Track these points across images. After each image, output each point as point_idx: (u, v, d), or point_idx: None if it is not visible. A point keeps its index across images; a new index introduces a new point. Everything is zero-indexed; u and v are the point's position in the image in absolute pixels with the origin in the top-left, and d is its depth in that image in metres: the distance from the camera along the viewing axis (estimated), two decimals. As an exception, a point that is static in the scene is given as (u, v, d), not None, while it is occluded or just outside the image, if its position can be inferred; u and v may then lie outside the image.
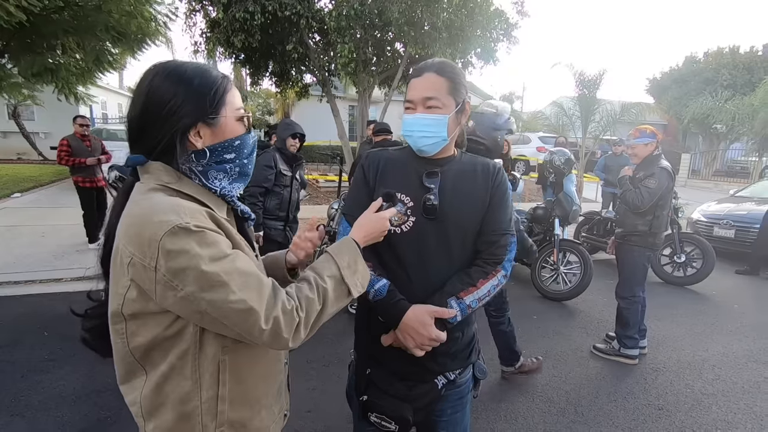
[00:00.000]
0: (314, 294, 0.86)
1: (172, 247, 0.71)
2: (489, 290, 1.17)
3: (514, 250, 1.22)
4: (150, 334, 0.79)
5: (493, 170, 1.23)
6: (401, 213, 1.17)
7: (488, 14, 7.11)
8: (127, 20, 7.74)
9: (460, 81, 1.18)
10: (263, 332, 0.77)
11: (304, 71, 8.90)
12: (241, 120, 0.89)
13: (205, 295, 0.73)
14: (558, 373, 3.05)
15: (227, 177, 0.89)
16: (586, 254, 4.39)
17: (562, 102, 10.58)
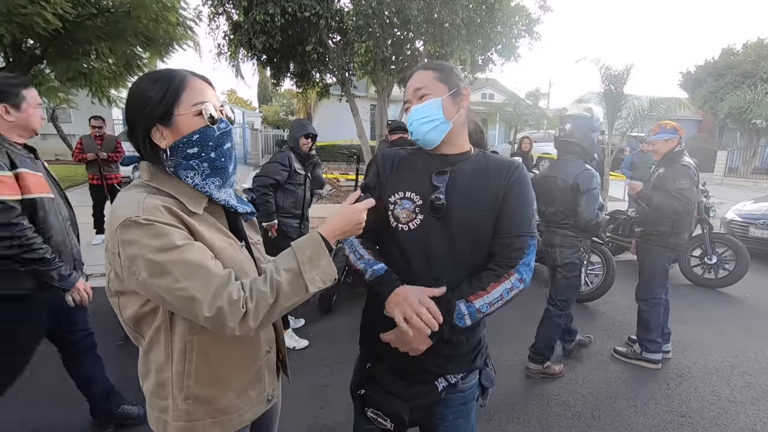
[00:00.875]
0: (267, 287, 0.88)
1: (125, 237, 0.82)
2: (501, 294, 1.12)
3: (532, 253, 1.16)
4: (133, 309, 0.92)
5: (509, 168, 1.18)
6: (409, 210, 1.18)
7: (509, 10, 6.98)
8: (155, 25, 8.00)
9: (449, 70, 1.21)
10: (207, 319, 0.83)
11: (323, 71, 8.98)
12: (200, 114, 0.91)
13: (155, 281, 0.82)
14: (575, 376, 2.98)
15: (198, 173, 0.93)
16: (609, 255, 4.26)
17: (588, 98, 10.27)
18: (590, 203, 2.65)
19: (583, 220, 2.68)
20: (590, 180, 2.65)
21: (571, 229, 2.80)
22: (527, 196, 1.18)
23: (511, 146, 14.91)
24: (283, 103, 31.27)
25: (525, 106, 16.08)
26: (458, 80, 1.20)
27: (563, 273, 2.88)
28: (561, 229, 2.84)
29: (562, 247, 2.85)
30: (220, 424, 1.00)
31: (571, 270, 2.86)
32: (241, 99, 40.63)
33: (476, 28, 6.68)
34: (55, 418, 2.36)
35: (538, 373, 2.93)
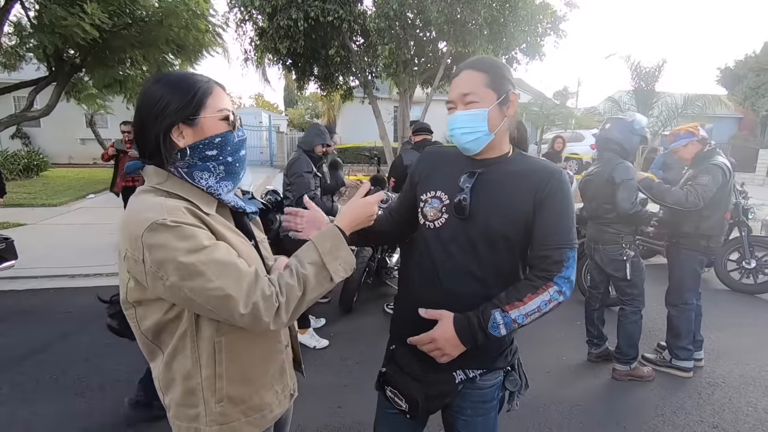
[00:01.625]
0: (294, 280, 0.91)
1: (152, 242, 0.80)
2: (539, 306, 1.10)
3: (572, 266, 1.11)
4: (155, 318, 0.90)
5: (547, 176, 1.12)
6: (436, 209, 1.20)
7: (533, 8, 6.85)
8: (185, 33, 8.28)
9: (500, 73, 1.15)
10: (243, 316, 0.84)
11: (347, 74, 9.07)
12: (225, 120, 0.95)
13: (187, 284, 0.81)
14: (600, 381, 2.89)
15: (213, 175, 0.95)
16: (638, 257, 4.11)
17: (618, 97, 9.97)
18: (626, 193, 2.66)
19: (621, 212, 2.69)
20: (625, 171, 2.68)
21: (612, 224, 2.81)
22: (566, 206, 1.13)
23: (538, 146, 14.61)
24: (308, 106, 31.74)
25: (552, 106, 15.71)
26: (509, 84, 1.15)
27: (613, 273, 2.89)
28: (603, 225, 2.87)
29: (606, 244, 2.87)
30: (254, 422, 1.01)
31: (617, 268, 2.85)
32: (267, 102, 41.49)
33: (499, 27, 6.59)
34: (87, 408, 2.47)
35: (626, 375, 2.89)
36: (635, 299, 2.87)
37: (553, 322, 3.79)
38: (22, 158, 11.76)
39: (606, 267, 2.91)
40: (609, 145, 2.81)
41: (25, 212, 7.47)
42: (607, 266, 2.90)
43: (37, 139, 15.09)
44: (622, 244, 2.81)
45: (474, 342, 1.11)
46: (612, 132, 2.79)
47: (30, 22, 7.53)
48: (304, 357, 3.11)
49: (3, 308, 3.82)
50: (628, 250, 2.81)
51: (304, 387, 1.35)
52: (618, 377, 2.89)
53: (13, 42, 8.24)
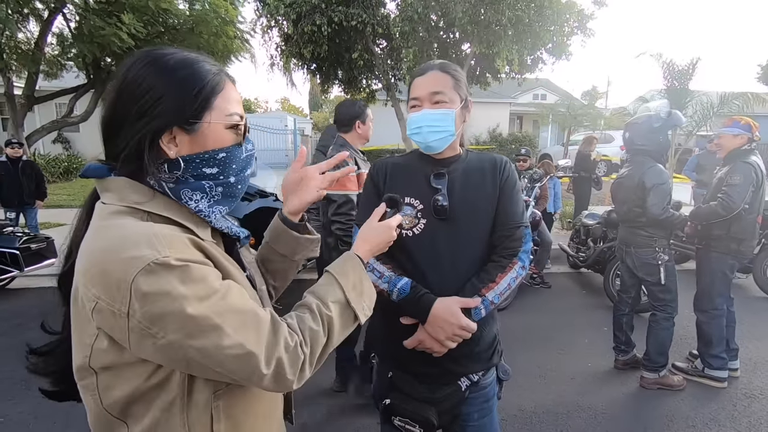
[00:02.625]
0: (318, 325, 0.74)
1: (149, 289, 0.58)
2: (509, 283, 1.17)
3: (529, 241, 1.22)
4: (128, 387, 0.65)
5: (501, 165, 1.24)
6: (411, 216, 1.19)
7: (559, 8, 6.73)
8: (215, 39, 8.56)
9: (462, 78, 1.23)
10: (263, 377, 0.65)
11: (370, 77, 9.14)
12: (233, 128, 0.73)
13: (194, 342, 0.61)
14: (627, 389, 2.81)
15: (206, 197, 0.73)
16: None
17: (650, 97, 9.65)
18: (657, 198, 2.61)
19: (651, 216, 2.65)
20: (657, 175, 2.63)
21: (645, 228, 2.74)
22: (517, 188, 1.24)
23: (564, 147, 14.29)
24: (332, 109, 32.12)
25: (579, 106, 15.36)
26: (466, 90, 1.23)
27: (644, 277, 2.81)
28: (635, 228, 2.80)
29: (637, 247, 2.79)
30: None
31: (649, 272, 2.76)
32: (293, 106, 42.24)
33: (524, 28, 6.50)
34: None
35: (654, 383, 2.80)
36: (668, 305, 2.77)
37: (579, 327, 3.70)
38: (62, 162, 12.39)
39: (638, 271, 2.83)
40: (637, 149, 2.77)
41: (64, 213, 7.86)
42: (640, 270, 2.82)
43: (76, 144, 15.86)
44: (656, 248, 2.73)
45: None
46: (633, 140, 2.77)
47: (71, 33, 7.95)
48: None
49: (46, 304, 4.04)
50: (662, 254, 2.72)
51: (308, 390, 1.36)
52: (646, 385, 2.80)
53: (56, 51, 8.72)
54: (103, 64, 8.82)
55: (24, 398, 2.58)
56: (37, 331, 0.84)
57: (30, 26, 8.35)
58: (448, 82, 1.18)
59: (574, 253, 5.02)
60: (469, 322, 1.12)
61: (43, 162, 11.88)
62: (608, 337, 3.55)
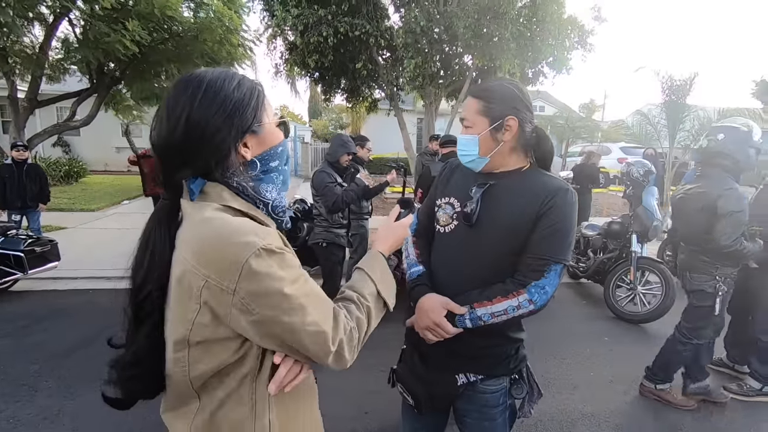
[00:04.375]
0: (362, 313, 0.87)
1: (258, 270, 0.70)
2: (506, 309, 1.16)
3: (552, 278, 1.16)
4: (216, 361, 0.76)
5: (551, 192, 1.17)
6: (449, 215, 1.30)
7: (560, 23, 6.86)
8: (219, 47, 8.65)
9: (496, 98, 1.22)
10: (329, 354, 0.77)
11: (373, 87, 9.25)
12: (281, 125, 0.89)
13: (285, 318, 0.72)
14: (631, 399, 2.83)
15: (275, 187, 0.86)
16: (668, 274, 4.02)
17: (647, 110, 9.79)
18: (730, 227, 2.31)
19: (717, 246, 2.36)
20: (735, 202, 2.31)
21: (707, 253, 2.48)
22: (563, 222, 1.17)
23: (563, 159, 14.43)
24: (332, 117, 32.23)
25: (577, 119, 15.54)
26: (509, 110, 1.20)
27: (692, 300, 2.63)
28: (695, 252, 2.55)
29: (693, 272, 2.58)
30: None
31: (701, 299, 2.56)
32: (292, 114, 42.33)
33: (526, 42, 6.62)
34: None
35: (650, 393, 2.78)
36: (695, 331, 2.60)
37: (580, 336, 3.73)
38: (63, 165, 12.40)
39: (690, 296, 2.63)
40: (716, 159, 2.41)
41: (65, 216, 7.86)
42: (692, 295, 2.61)
43: (76, 147, 15.85)
44: (716, 276, 2.49)
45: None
46: (726, 144, 2.37)
47: (76, 38, 8.01)
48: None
49: (48, 307, 4.04)
50: (722, 284, 2.48)
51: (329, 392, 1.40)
52: (644, 393, 2.82)
53: (60, 56, 8.77)
54: (106, 70, 8.88)
55: (32, 400, 2.58)
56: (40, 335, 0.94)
57: (35, 30, 8.42)
58: (473, 108, 1.24)
59: (574, 264, 5.07)
60: (444, 323, 1.20)
61: (44, 165, 11.87)
62: (610, 347, 3.60)
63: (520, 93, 1.23)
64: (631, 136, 11.16)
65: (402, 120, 8.89)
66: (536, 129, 1.26)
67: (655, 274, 4.15)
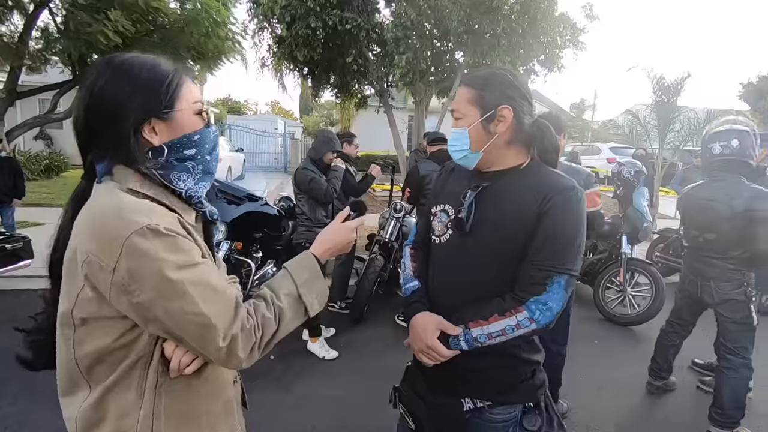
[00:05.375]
0: (271, 313, 0.83)
1: (137, 247, 0.69)
2: (504, 329, 1.03)
3: (556, 292, 1.01)
4: (100, 343, 0.75)
5: (552, 190, 1.04)
6: (443, 224, 1.17)
7: (552, 20, 6.80)
8: (205, 40, 8.45)
9: (490, 85, 1.09)
10: (220, 350, 0.74)
11: (362, 82, 9.12)
12: (199, 114, 0.85)
13: (164, 303, 0.70)
14: (621, 404, 2.78)
15: (191, 176, 0.84)
16: (658, 276, 4.00)
17: (637, 110, 9.81)
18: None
19: (759, 253, 2.26)
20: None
21: (736, 260, 2.38)
22: (568, 226, 1.04)
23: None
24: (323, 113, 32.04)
25: (568, 118, 15.60)
26: (500, 98, 1.07)
27: (725, 314, 2.45)
28: (719, 260, 2.43)
29: (719, 281, 2.44)
30: None
31: (733, 310, 2.41)
32: (283, 110, 42.02)
33: (518, 39, 6.55)
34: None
35: None
36: (745, 347, 2.42)
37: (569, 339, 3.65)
38: (43, 159, 12.08)
39: (719, 307, 2.47)
40: (732, 165, 2.35)
41: (44, 211, 7.61)
42: (721, 306, 2.46)
43: (59, 141, 15.47)
44: (743, 282, 2.38)
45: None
46: (744, 149, 2.30)
47: (57, 28, 7.76)
48: (313, 367, 3.09)
49: (18, 308, 3.86)
50: (751, 290, 2.39)
51: (309, 399, 1.33)
52: None
53: (39, 46, 8.49)
54: (89, 61, 8.62)
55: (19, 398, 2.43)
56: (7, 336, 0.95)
57: (14, 19, 8.15)
58: (464, 97, 1.12)
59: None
60: (437, 345, 1.07)
61: (23, 159, 11.54)
62: (600, 350, 3.55)
63: (515, 81, 1.11)
64: (621, 136, 11.18)
65: (392, 117, 8.78)
66: (537, 121, 1.13)
67: (645, 276, 4.12)
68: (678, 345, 2.86)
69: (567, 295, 1.03)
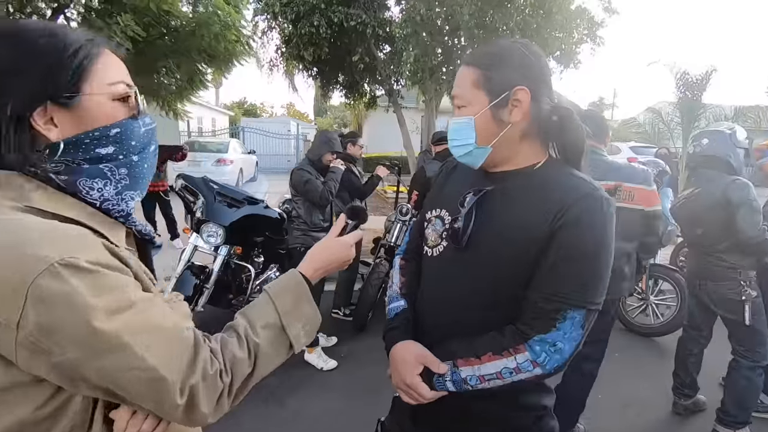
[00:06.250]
0: (244, 352, 0.66)
1: (50, 293, 0.50)
2: (500, 372, 0.83)
3: (569, 332, 0.80)
4: (14, 417, 0.55)
5: (571, 198, 0.82)
6: (437, 233, 0.98)
7: (569, 14, 6.53)
8: (216, 43, 8.47)
9: (498, 65, 0.87)
10: (177, 408, 0.58)
11: (371, 82, 8.98)
12: (122, 99, 0.64)
13: (95, 362, 0.53)
14: (643, 422, 2.54)
15: (110, 183, 0.63)
16: (683, 282, 3.70)
17: (660, 108, 9.44)
18: (750, 216, 2.20)
19: (745, 240, 2.23)
20: (744, 190, 2.23)
21: (726, 255, 2.33)
22: (590, 244, 0.82)
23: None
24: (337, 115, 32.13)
25: (586, 117, 15.19)
26: (513, 77, 0.86)
27: (723, 314, 2.41)
28: (713, 257, 2.38)
29: (715, 280, 2.39)
30: None
31: (731, 310, 2.35)
32: (298, 112, 42.37)
33: (532, 34, 6.30)
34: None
35: None
36: (756, 351, 2.34)
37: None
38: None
39: (717, 307, 2.44)
40: (711, 162, 2.39)
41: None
42: (719, 307, 2.42)
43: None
44: (740, 281, 2.31)
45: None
46: (714, 147, 2.36)
47: (71, 33, 7.88)
48: (311, 378, 2.93)
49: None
50: (749, 289, 2.31)
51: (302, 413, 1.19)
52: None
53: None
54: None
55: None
56: None
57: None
58: (468, 79, 0.89)
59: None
60: (417, 384, 0.88)
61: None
62: (622, 364, 3.29)
63: (532, 56, 0.88)
64: (642, 134, 10.78)
65: (401, 117, 8.61)
66: (558, 108, 0.90)
67: (669, 283, 3.85)
68: (697, 355, 2.66)
69: (583, 333, 0.82)
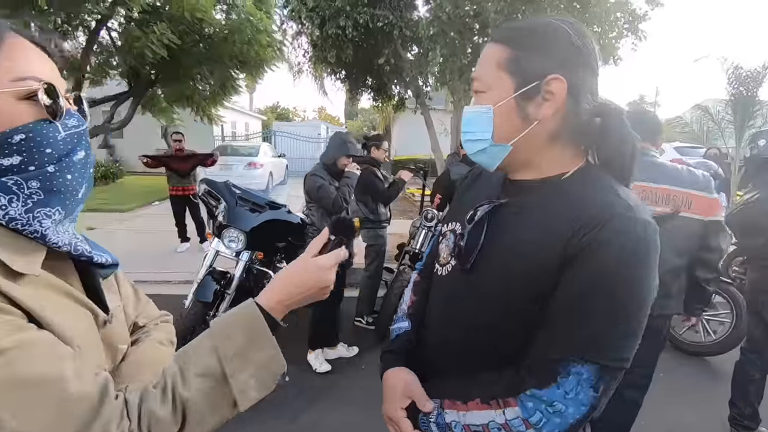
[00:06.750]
0: (167, 409, 0.53)
1: None
2: (486, 425, 0.68)
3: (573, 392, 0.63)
4: None
5: (596, 217, 0.65)
6: (449, 248, 0.85)
7: (607, 6, 6.17)
8: (248, 49, 8.63)
9: (532, 44, 0.70)
10: None
11: (399, 83, 8.88)
12: (30, 98, 0.53)
13: None
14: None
15: (17, 199, 0.53)
16: (739, 296, 3.38)
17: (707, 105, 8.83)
18: None
19: None
20: None
21: None
22: (614, 281, 0.63)
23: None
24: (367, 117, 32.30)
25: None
26: (548, 63, 0.68)
27: None
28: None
29: None
30: None
31: None
32: (329, 115, 42.94)
33: (567, 29, 6.03)
34: None
35: None
36: None
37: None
38: (101, 166, 13.16)
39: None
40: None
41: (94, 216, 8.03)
42: None
43: (121, 149, 16.58)
44: None
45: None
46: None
47: (112, 43, 8.28)
48: (329, 391, 2.83)
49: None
50: None
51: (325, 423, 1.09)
52: None
53: (100, 60, 9.09)
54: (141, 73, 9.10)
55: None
56: None
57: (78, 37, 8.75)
58: (492, 59, 0.72)
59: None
60: (399, 419, 0.78)
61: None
62: (668, 386, 2.98)
63: (579, 41, 0.69)
64: (689, 134, 10.12)
65: (429, 118, 8.46)
66: (603, 107, 0.72)
67: (722, 297, 3.50)
68: (759, 381, 2.37)
69: (597, 396, 0.64)
